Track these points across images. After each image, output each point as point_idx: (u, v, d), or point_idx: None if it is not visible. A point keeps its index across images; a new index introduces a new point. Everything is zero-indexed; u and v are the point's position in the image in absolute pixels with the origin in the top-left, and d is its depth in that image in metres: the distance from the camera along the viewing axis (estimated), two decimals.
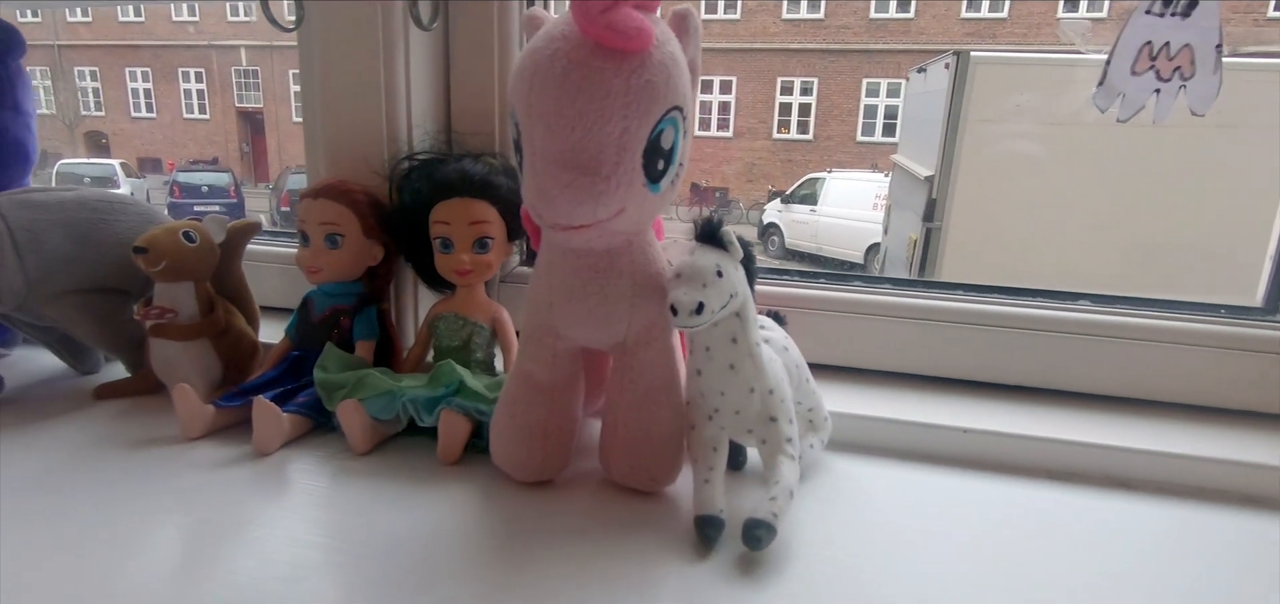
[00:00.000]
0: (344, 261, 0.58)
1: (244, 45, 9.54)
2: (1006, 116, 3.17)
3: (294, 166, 8.95)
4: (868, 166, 9.32)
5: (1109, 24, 9.64)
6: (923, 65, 5.51)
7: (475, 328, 0.58)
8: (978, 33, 9.73)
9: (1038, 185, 3.12)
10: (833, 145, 9.86)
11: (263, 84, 9.64)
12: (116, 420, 0.56)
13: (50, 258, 0.55)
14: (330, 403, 0.53)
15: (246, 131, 9.70)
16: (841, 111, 9.99)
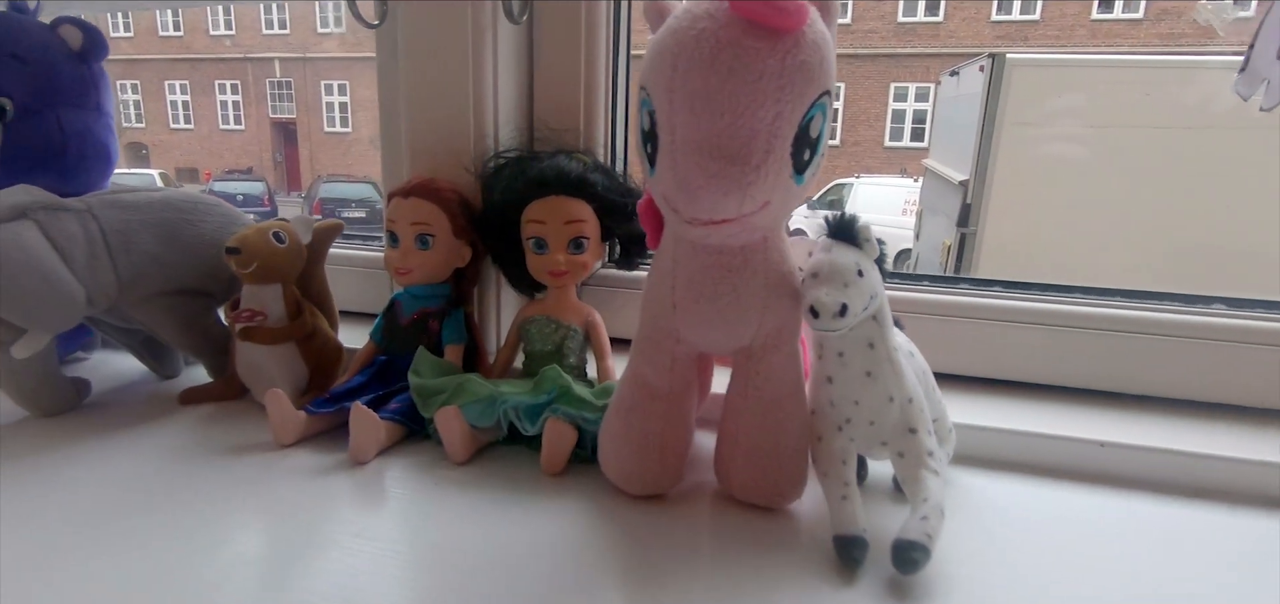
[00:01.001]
0: (434, 262, 0.56)
1: (278, 57, 9.75)
2: (1045, 119, 3.09)
3: (325, 175, 9.10)
4: (896, 171, 9.17)
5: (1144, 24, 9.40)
6: (955, 69, 5.42)
7: (569, 331, 0.56)
8: (1009, 35, 9.55)
9: (1079, 189, 3.03)
10: (860, 150, 9.73)
11: (295, 94, 9.84)
12: (204, 426, 0.55)
13: (140, 259, 0.54)
14: (427, 410, 0.51)
15: (280, 141, 9.90)
16: (869, 116, 9.86)
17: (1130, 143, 2.94)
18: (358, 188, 7.74)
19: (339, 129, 9.89)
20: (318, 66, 9.74)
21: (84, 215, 0.52)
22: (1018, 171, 3.19)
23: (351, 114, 9.83)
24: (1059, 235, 3.08)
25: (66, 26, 0.65)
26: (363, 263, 0.75)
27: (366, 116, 9.84)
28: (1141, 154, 2.90)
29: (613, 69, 0.65)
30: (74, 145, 0.64)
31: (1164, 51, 8.44)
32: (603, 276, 0.67)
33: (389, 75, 0.68)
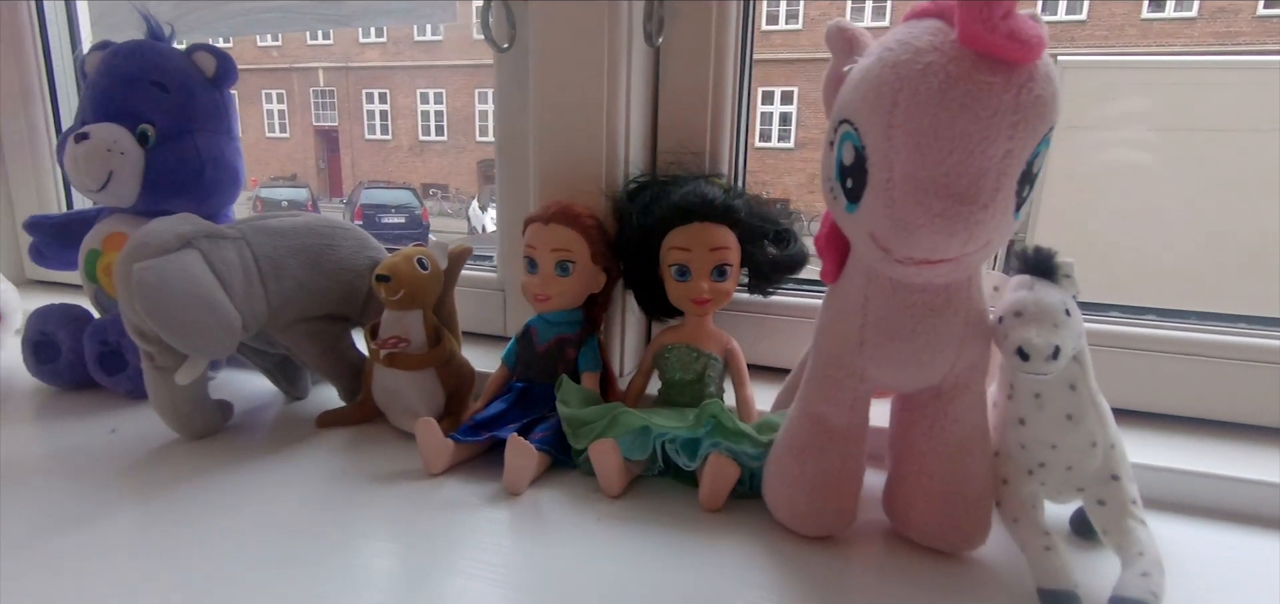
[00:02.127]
0: (573, 289, 0.55)
1: (322, 67, 10.00)
2: (1100, 123, 2.99)
3: (366, 181, 9.28)
4: None
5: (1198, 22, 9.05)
6: None
7: (709, 360, 0.55)
8: (1055, 36, 9.13)
9: (1137, 194, 2.92)
10: None
11: (338, 103, 10.08)
12: (347, 451, 0.55)
13: (289, 285, 0.55)
14: (578, 440, 0.50)
15: (323, 149, 10.15)
16: None
17: (1192, 146, 2.82)
18: (397, 194, 7.88)
19: (379, 136, 10.09)
20: (360, 76, 9.96)
21: (240, 243, 0.53)
22: (1070, 177, 3.09)
23: (392, 122, 10.02)
24: (1115, 241, 2.97)
25: (201, 53, 0.66)
26: None
27: (406, 125, 10.03)
28: (1204, 158, 2.78)
29: (739, 90, 0.64)
30: (210, 169, 0.65)
31: (1220, 51, 8.12)
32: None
33: (510, 98, 0.68)
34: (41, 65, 0.89)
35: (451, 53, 9.69)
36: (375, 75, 10.01)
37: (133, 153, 0.61)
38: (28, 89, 0.89)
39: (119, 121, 0.62)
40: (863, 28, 0.40)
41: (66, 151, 0.61)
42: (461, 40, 9.41)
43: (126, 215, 0.65)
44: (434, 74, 9.84)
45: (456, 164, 10.10)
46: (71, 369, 0.64)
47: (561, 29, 0.58)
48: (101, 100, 0.62)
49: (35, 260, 0.71)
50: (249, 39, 9.98)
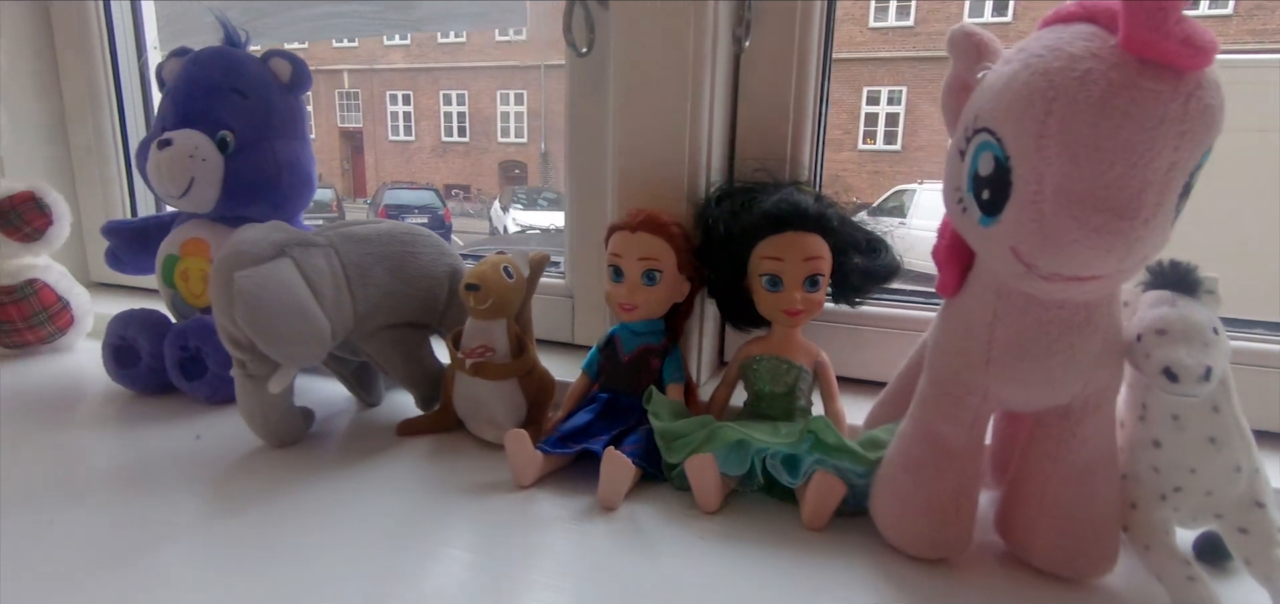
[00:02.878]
0: (659, 298, 0.54)
1: (347, 69, 10.12)
2: None
3: (390, 182, 9.37)
4: None
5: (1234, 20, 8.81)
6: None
7: (800, 372, 0.53)
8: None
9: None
10: (922, 156, 9.41)
11: (362, 105, 10.20)
12: (430, 461, 0.55)
13: (375, 293, 0.54)
14: (672, 454, 0.49)
15: (347, 150, 10.28)
16: (932, 121, 9.53)
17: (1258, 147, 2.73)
18: (420, 195, 7.95)
19: (402, 138, 10.20)
20: (384, 77, 10.06)
21: (328, 250, 0.52)
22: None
23: (415, 123, 10.12)
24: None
25: (277, 59, 0.66)
26: None
27: (428, 126, 10.11)
28: (1249, 160, 2.69)
29: (820, 94, 0.63)
30: (286, 175, 0.65)
31: (1259, 49, 7.90)
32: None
33: (584, 103, 0.67)
34: (109, 71, 0.90)
35: (474, 55, 9.76)
36: (400, 77, 10.11)
37: (213, 159, 0.62)
38: (96, 95, 0.90)
39: (200, 128, 0.62)
40: (991, 36, 0.38)
41: (149, 158, 0.61)
42: (484, 42, 9.47)
43: (203, 221, 0.66)
44: (458, 75, 9.91)
45: (478, 165, 10.16)
46: (151, 374, 0.64)
47: (645, 32, 0.57)
48: (182, 106, 0.63)
49: (111, 265, 0.72)
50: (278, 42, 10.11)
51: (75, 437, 0.59)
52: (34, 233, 0.74)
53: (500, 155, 10.10)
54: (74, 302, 0.77)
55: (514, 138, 10.09)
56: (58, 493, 0.49)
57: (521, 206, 8.31)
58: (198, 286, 0.65)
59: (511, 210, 8.10)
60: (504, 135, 10.09)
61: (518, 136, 10.09)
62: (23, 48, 0.77)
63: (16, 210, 0.72)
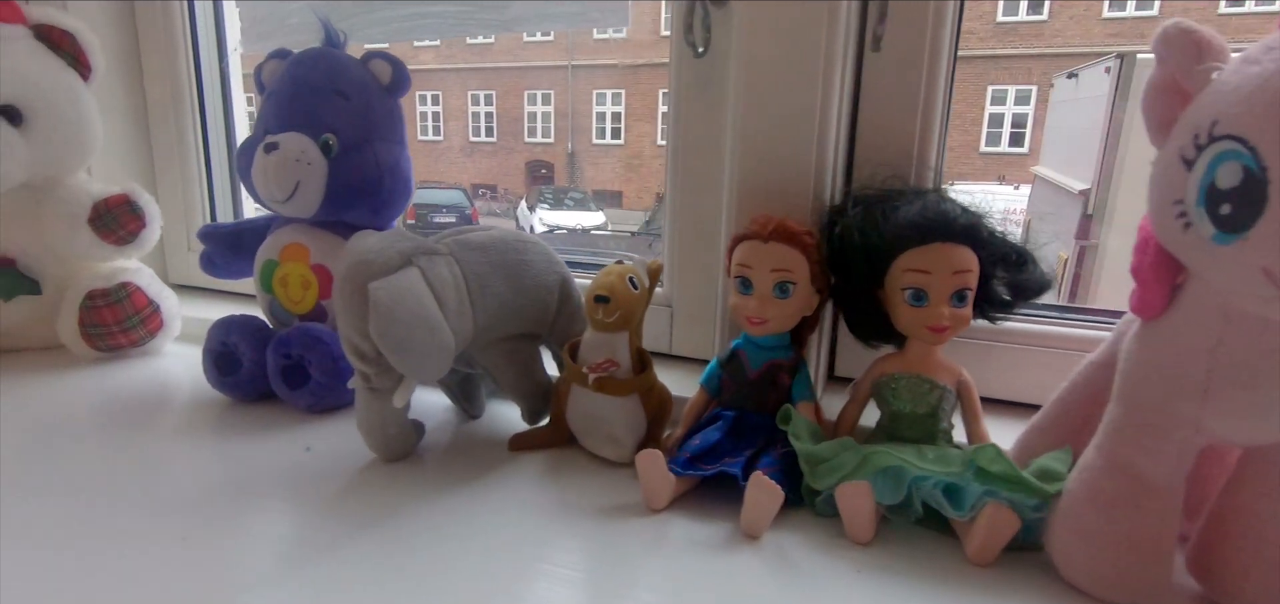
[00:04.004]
0: (791, 312, 0.51)
1: None
2: None
3: (419, 181, 9.44)
4: (993, 179, 8.60)
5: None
6: (1073, 70, 5.03)
7: (943, 392, 0.50)
8: (1123, 33, 8.83)
9: None
10: (954, 157, 9.19)
11: None
12: (549, 479, 0.52)
13: (493, 303, 0.52)
14: (817, 480, 0.46)
15: None
16: (963, 121, 9.35)
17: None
18: (448, 194, 8.01)
19: (431, 137, 10.29)
20: (414, 77, 10.16)
21: (449, 259, 0.50)
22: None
23: (443, 123, 10.20)
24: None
25: (377, 60, 0.65)
26: None
27: (457, 126, 10.18)
28: None
29: (948, 95, 0.59)
30: (387, 179, 0.63)
31: None
32: None
33: (693, 104, 0.65)
34: (192, 72, 0.89)
35: (502, 55, 9.81)
36: (429, 77, 10.20)
37: (318, 163, 0.60)
38: (178, 96, 0.90)
39: (303, 131, 0.60)
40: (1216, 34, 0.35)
41: (254, 162, 0.60)
42: (513, 43, 9.51)
43: (302, 226, 0.64)
44: (485, 76, 9.97)
45: (505, 165, 10.21)
46: (251, 382, 0.63)
47: (774, 32, 0.54)
48: (285, 109, 0.61)
49: (206, 269, 0.71)
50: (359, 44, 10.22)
51: (179, 446, 0.58)
52: (128, 236, 0.73)
53: (527, 155, 10.13)
54: (164, 305, 0.76)
55: (541, 138, 10.12)
56: (168, 504, 0.48)
57: (548, 206, 8.34)
58: (296, 292, 0.64)
59: (538, 210, 8.13)
60: (531, 135, 10.13)
61: (545, 136, 10.12)
62: (108, 47, 0.76)
63: (112, 213, 0.72)
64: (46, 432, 0.60)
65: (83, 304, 0.71)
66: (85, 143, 0.73)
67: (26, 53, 0.68)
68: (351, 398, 0.63)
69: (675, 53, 0.64)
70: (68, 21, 0.71)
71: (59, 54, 0.71)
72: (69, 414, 0.64)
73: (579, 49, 9.94)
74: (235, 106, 0.94)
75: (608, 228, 8.26)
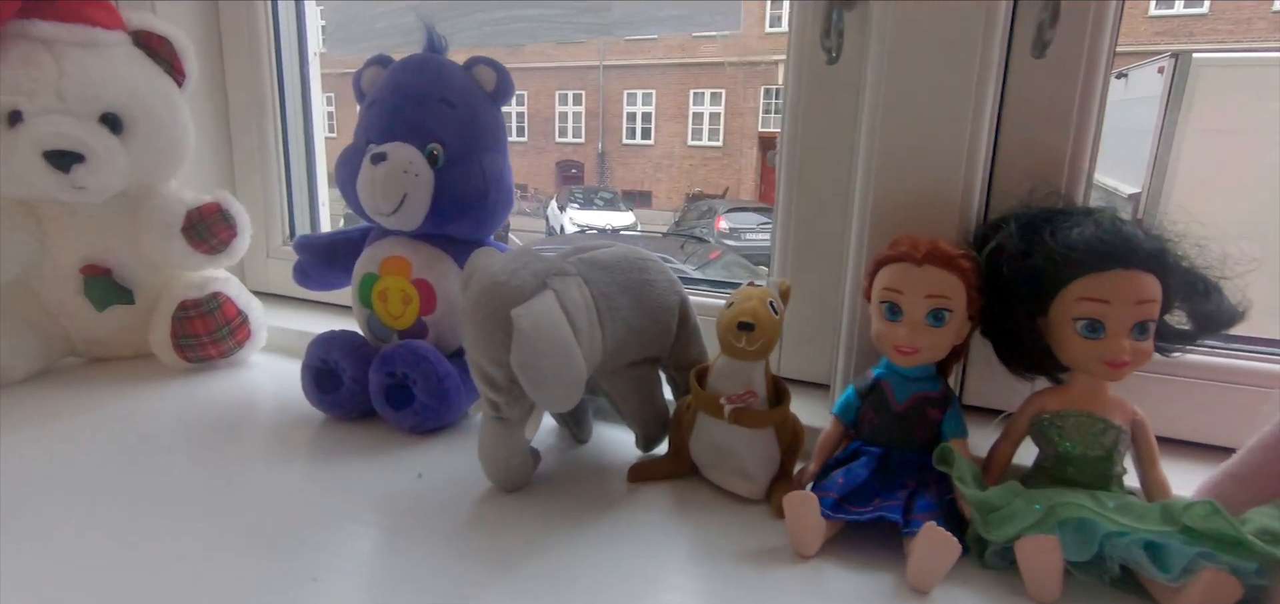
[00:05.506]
0: (944, 342, 0.47)
1: None
2: (1242, 127, 2.67)
3: None
4: None
5: None
6: (1121, 70, 4.88)
7: (1119, 433, 0.45)
8: (1170, 31, 8.49)
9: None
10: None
11: None
12: (678, 516, 0.49)
13: (620, 326, 0.49)
14: (993, 530, 0.42)
15: None
16: None
17: None
18: None
19: None
20: None
21: (579, 280, 0.47)
22: (1205, 184, 2.79)
23: None
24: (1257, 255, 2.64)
25: (481, 67, 0.62)
26: None
27: None
28: None
29: (1102, 103, 0.55)
30: (493, 191, 0.61)
31: None
32: None
33: (816, 112, 0.61)
34: (275, 77, 0.88)
35: (534, 56, 9.84)
36: None
37: (425, 174, 0.58)
38: (260, 102, 0.88)
39: (409, 140, 0.58)
40: None
41: (362, 173, 0.58)
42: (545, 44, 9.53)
43: (403, 238, 0.62)
44: (518, 77, 10.02)
45: (536, 165, 10.25)
46: (352, 399, 0.61)
47: (922, 35, 0.50)
48: (390, 119, 0.59)
49: (299, 281, 0.69)
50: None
51: (277, 465, 0.56)
52: (219, 245, 0.72)
53: (557, 155, 10.16)
54: (252, 315, 0.75)
55: (571, 138, 10.14)
56: (273, 530, 0.46)
57: (578, 206, 8.34)
58: (396, 307, 0.62)
59: (568, 210, 8.13)
60: (561, 135, 10.15)
61: (575, 137, 10.13)
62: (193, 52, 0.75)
63: (205, 222, 0.71)
64: (139, 444, 0.58)
65: (175, 315, 0.70)
66: (180, 151, 0.71)
67: (127, 60, 0.67)
68: (453, 419, 0.61)
69: (795, 58, 0.60)
70: (165, 28, 0.69)
71: (156, 60, 0.69)
72: (161, 427, 0.62)
73: (610, 49, 9.93)
74: (315, 112, 0.93)
75: (637, 228, 8.24)
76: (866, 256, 0.55)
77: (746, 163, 10.18)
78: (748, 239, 7.08)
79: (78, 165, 0.62)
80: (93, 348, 0.74)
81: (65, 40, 0.63)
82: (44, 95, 0.61)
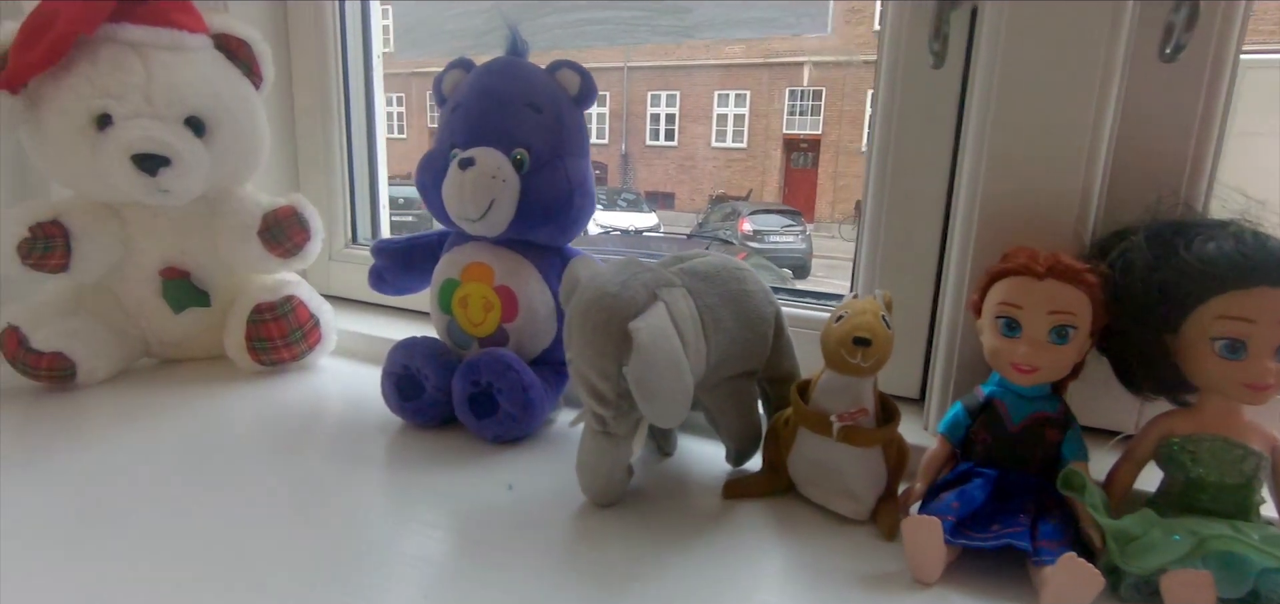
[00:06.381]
0: (1066, 360, 0.45)
1: (435, 71, 10.47)
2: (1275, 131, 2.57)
3: None
4: None
5: None
6: None
7: (1260, 459, 0.43)
8: None
9: None
10: None
11: None
12: (783, 535, 0.47)
13: (723, 340, 0.48)
14: (1132, 561, 0.40)
15: None
16: None
17: None
18: None
19: None
20: None
21: (684, 292, 0.46)
22: (1243, 188, 2.69)
23: None
24: None
25: (565, 71, 0.61)
26: None
27: None
28: None
29: (1226, 110, 0.52)
30: (578, 196, 0.60)
31: None
32: None
33: (913, 119, 0.58)
34: (341, 78, 0.88)
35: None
36: None
37: (512, 180, 0.57)
38: (326, 104, 0.89)
39: (495, 145, 0.57)
40: None
41: (447, 177, 0.57)
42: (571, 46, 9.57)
43: (484, 244, 0.61)
44: None
45: None
46: (433, 407, 0.60)
47: (1042, 37, 0.48)
48: (476, 123, 0.58)
49: (375, 286, 0.69)
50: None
51: (361, 472, 0.55)
52: (293, 248, 0.72)
53: None
54: (323, 318, 0.75)
55: (595, 139, 10.16)
56: (378, 538, 0.45)
57: (602, 206, 8.36)
58: (477, 314, 0.61)
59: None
60: None
61: (599, 138, 10.15)
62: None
63: (280, 225, 0.71)
64: (218, 447, 0.58)
65: (250, 317, 0.70)
66: (257, 153, 0.72)
67: (210, 63, 0.67)
68: (535, 429, 0.60)
69: (889, 61, 0.59)
70: (245, 30, 0.70)
71: (235, 63, 0.69)
72: (239, 429, 0.62)
73: (636, 50, 9.93)
74: (378, 115, 0.93)
75: (659, 229, 8.23)
76: (971, 267, 0.53)
77: (771, 165, 10.11)
78: (771, 242, 7.04)
79: (164, 169, 0.62)
80: (166, 349, 0.74)
81: (153, 44, 0.63)
82: (133, 99, 0.61)
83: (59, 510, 0.48)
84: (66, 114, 0.61)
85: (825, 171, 9.88)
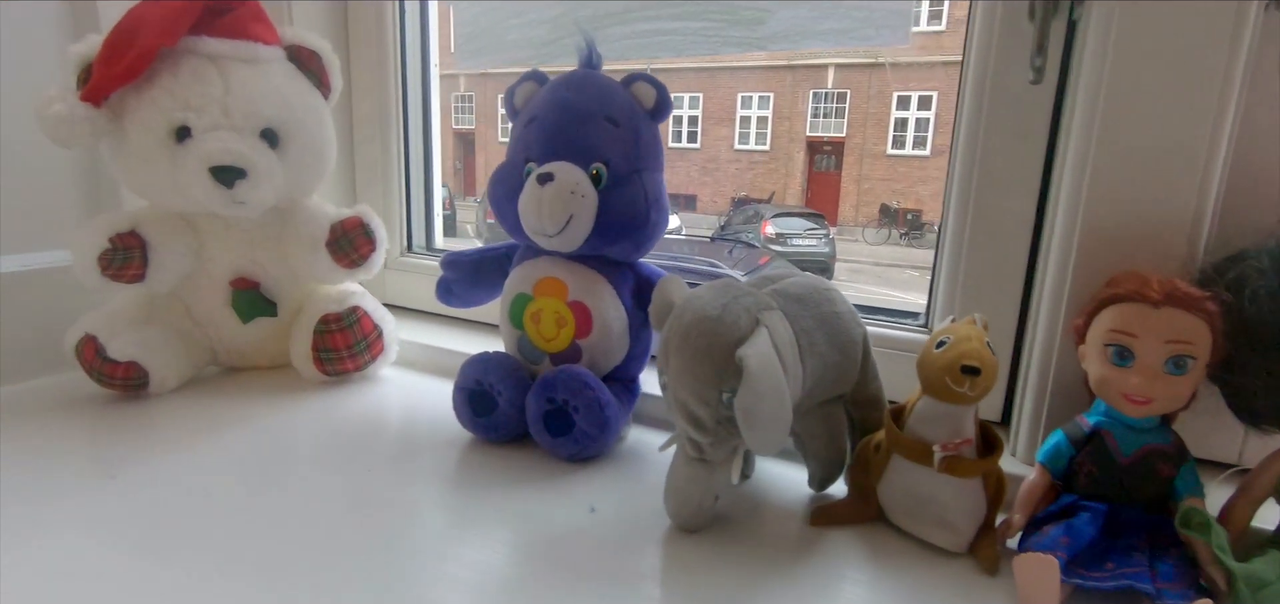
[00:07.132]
0: (1183, 392, 0.43)
1: (463, 74, 10.57)
2: None
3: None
4: None
5: None
6: None
7: None
8: None
9: None
10: None
11: (476, 108, 10.60)
12: (880, 567, 0.46)
13: (817, 364, 0.46)
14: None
15: (460, 151, 10.71)
16: None
17: None
18: None
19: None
20: (497, 81, 10.43)
21: (780, 314, 0.45)
22: None
23: None
24: None
25: (640, 84, 0.60)
26: None
27: None
28: None
29: None
30: (654, 211, 0.59)
31: None
32: None
33: (1000, 132, 0.57)
34: (400, 89, 0.88)
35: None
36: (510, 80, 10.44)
37: (590, 195, 0.56)
38: (384, 114, 0.89)
39: (573, 160, 0.56)
40: None
41: (524, 192, 0.56)
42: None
43: (557, 259, 0.60)
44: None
45: None
46: (506, 423, 0.59)
47: (1153, 47, 0.46)
48: (554, 137, 0.57)
49: (442, 298, 0.69)
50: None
51: (432, 489, 0.54)
52: (359, 259, 0.72)
53: None
54: (386, 330, 0.75)
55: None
56: (461, 559, 0.44)
57: None
58: (549, 330, 0.60)
59: None
60: None
61: None
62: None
63: (348, 236, 0.71)
64: (287, 457, 0.58)
65: (316, 328, 0.70)
66: (326, 164, 0.72)
67: (283, 75, 0.67)
68: (609, 447, 0.59)
69: (976, 71, 0.57)
70: (316, 41, 0.70)
71: (306, 74, 0.70)
72: (307, 439, 0.62)
73: None
74: (434, 126, 0.93)
75: (682, 232, 8.22)
76: (1069, 291, 0.51)
77: (794, 167, 10.04)
78: (794, 245, 6.98)
79: (241, 181, 0.62)
80: (232, 358, 0.75)
81: (230, 56, 0.63)
82: (211, 111, 0.62)
83: (131, 517, 0.48)
84: (147, 126, 0.61)
85: (849, 174, 9.78)
